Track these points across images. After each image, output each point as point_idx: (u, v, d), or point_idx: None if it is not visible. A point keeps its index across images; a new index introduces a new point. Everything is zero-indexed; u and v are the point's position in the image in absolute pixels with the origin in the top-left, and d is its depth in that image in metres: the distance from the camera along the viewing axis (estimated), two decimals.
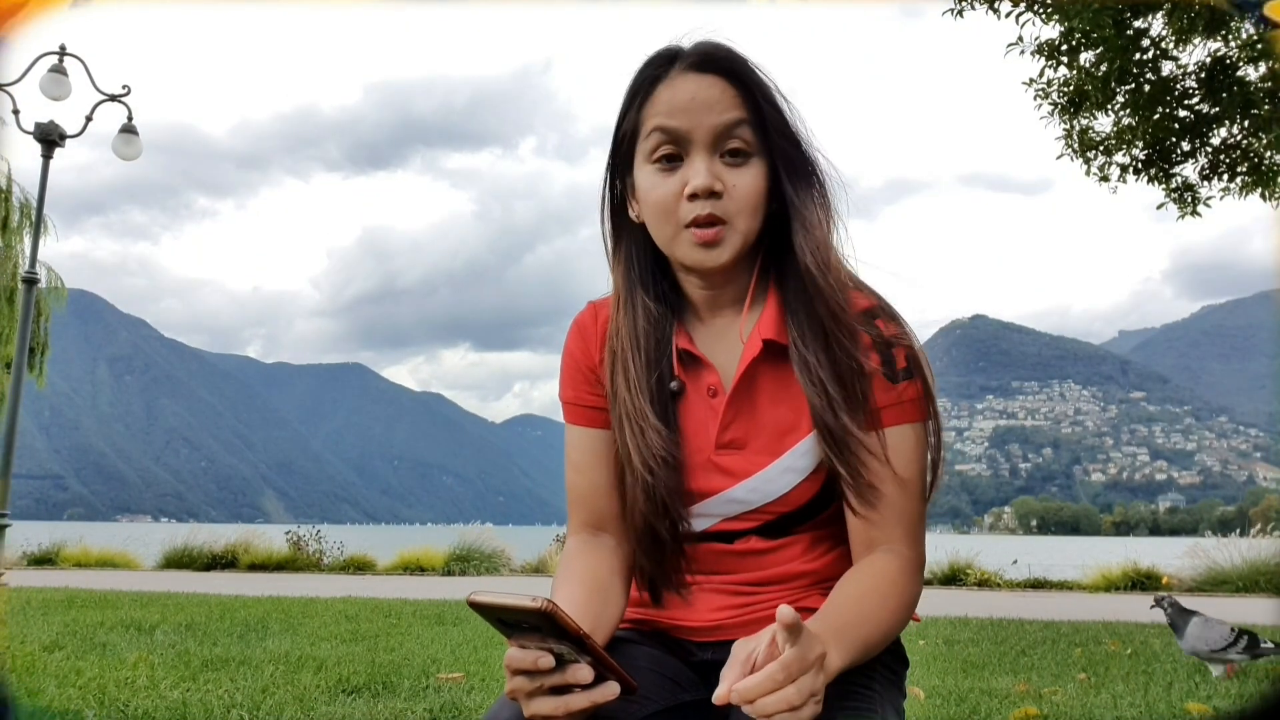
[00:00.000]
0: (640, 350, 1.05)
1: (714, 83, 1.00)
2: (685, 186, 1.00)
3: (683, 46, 1.03)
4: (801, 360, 1.01)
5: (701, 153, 1.00)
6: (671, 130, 1.00)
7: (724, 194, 1.00)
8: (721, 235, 1.00)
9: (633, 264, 1.09)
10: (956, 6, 6.23)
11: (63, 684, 3.28)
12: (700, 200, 0.99)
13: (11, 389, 8.75)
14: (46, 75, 8.70)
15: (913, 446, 1.01)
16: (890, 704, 0.96)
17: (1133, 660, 4.44)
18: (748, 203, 1.00)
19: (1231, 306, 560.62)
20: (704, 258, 1.01)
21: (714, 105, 0.99)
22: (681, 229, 1.01)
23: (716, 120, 0.99)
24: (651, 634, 1.10)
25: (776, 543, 1.06)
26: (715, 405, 1.06)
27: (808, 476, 1.03)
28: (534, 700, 0.83)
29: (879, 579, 0.98)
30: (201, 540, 12.59)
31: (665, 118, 1.00)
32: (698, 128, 0.99)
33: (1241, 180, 6.72)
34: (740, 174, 1.00)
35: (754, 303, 1.07)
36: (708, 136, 1.00)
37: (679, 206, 1.00)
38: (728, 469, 1.05)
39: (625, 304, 1.08)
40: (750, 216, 1.01)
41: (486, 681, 3.54)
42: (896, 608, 0.97)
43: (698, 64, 1.01)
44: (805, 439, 1.03)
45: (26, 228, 14.66)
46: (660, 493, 1.03)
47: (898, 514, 1.00)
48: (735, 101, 1.00)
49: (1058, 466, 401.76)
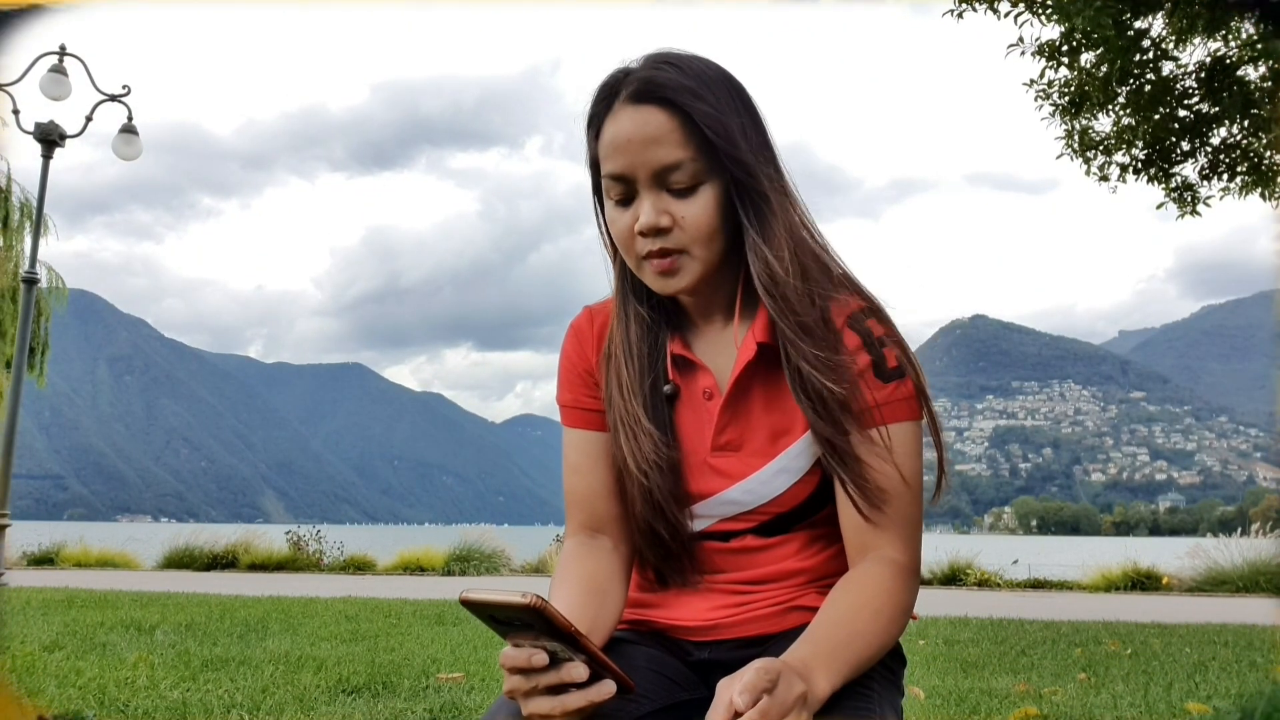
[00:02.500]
0: (634, 356, 1.07)
1: (651, 117, 0.98)
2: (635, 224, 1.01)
3: (631, 69, 1.02)
4: (790, 364, 1.01)
5: (648, 190, 1.00)
6: (617, 175, 1.01)
7: (673, 227, 1.00)
8: (677, 264, 1.01)
9: (626, 272, 1.09)
10: (957, 8, 6.23)
11: (63, 684, 3.28)
12: (649, 238, 1.00)
13: (11, 389, 8.76)
14: (46, 75, 8.70)
15: (906, 445, 1.01)
16: (889, 703, 0.96)
17: (1133, 660, 4.44)
18: (700, 232, 1.00)
19: (1232, 306, 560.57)
20: (664, 286, 1.03)
21: (651, 143, 0.98)
22: (641, 260, 1.02)
23: (655, 161, 0.98)
24: (649, 634, 1.11)
25: (772, 540, 1.07)
26: (710, 408, 1.07)
27: (802, 477, 1.04)
28: (531, 699, 0.83)
29: (872, 592, 0.98)
30: (201, 540, 12.59)
31: (610, 161, 1.01)
32: (640, 168, 0.99)
33: (1241, 180, 6.72)
34: (689, 205, 1.00)
35: (745, 308, 1.07)
36: (648, 175, 0.99)
37: (635, 240, 1.01)
38: (723, 471, 1.06)
39: (621, 311, 1.09)
40: (705, 244, 1.01)
41: (486, 681, 3.54)
42: (889, 621, 0.97)
43: (636, 95, 0.99)
44: (799, 440, 1.04)
45: (27, 227, 14.67)
46: (657, 495, 1.04)
47: (891, 515, 1.00)
48: (674, 136, 0.98)
49: (1058, 466, 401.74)
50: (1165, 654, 4.64)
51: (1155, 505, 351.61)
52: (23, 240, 14.83)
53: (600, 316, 1.14)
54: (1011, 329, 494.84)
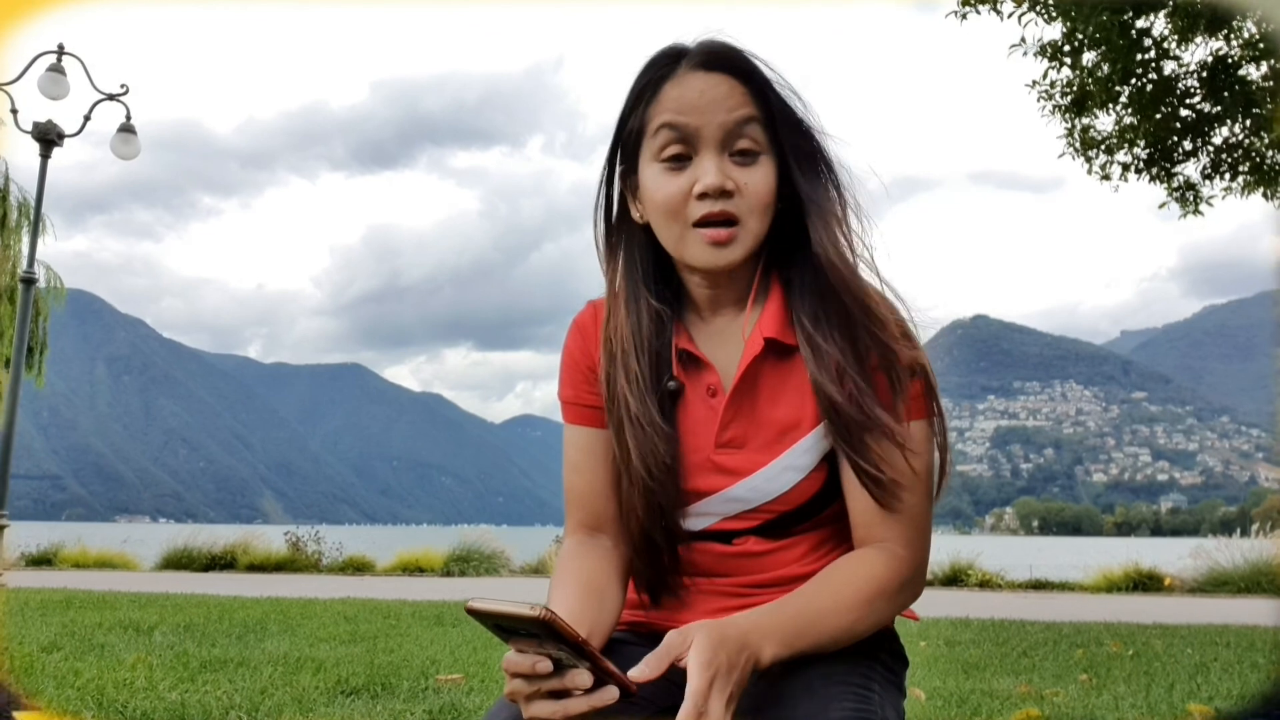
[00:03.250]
0: (644, 351, 1.04)
1: (722, 80, 0.99)
2: (694, 185, 0.98)
3: (688, 46, 1.02)
4: (816, 352, 1.00)
5: (711, 151, 0.99)
6: (681, 127, 0.99)
7: (735, 193, 0.99)
8: (734, 235, 0.99)
9: (635, 264, 1.08)
10: (960, 10, 6.23)
11: (61, 685, 3.27)
12: (711, 199, 0.98)
13: (10, 389, 8.75)
14: (45, 75, 8.70)
15: (920, 441, 1.00)
16: (890, 704, 0.95)
17: (1134, 661, 4.42)
18: (759, 201, 0.99)
19: (1234, 306, 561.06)
20: (714, 258, 1.00)
21: (723, 102, 0.98)
22: (690, 228, 1.00)
23: (726, 117, 0.98)
24: (649, 636, 1.09)
25: (775, 544, 1.05)
26: (714, 405, 1.05)
27: (808, 475, 1.03)
28: (533, 703, 0.83)
29: (862, 577, 0.97)
30: (200, 541, 12.57)
31: (674, 115, 0.99)
32: (707, 125, 0.98)
33: (1243, 179, 6.72)
34: (751, 173, 0.99)
35: (756, 301, 1.06)
36: (718, 134, 0.98)
37: (687, 205, 0.99)
38: (727, 468, 1.04)
39: (628, 304, 1.07)
40: (761, 216, 1.00)
41: (486, 683, 3.53)
42: (868, 606, 0.96)
43: (705, 62, 1.00)
44: (806, 437, 1.02)
45: (25, 227, 14.66)
46: (658, 497, 1.02)
47: (900, 509, 0.99)
48: (744, 99, 0.99)
49: (1059, 467, 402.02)
50: (1167, 655, 4.62)
51: (1157, 506, 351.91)
52: (21, 240, 14.82)
53: (605, 312, 1.11)
54: (1013, 329, 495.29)
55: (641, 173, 1.03)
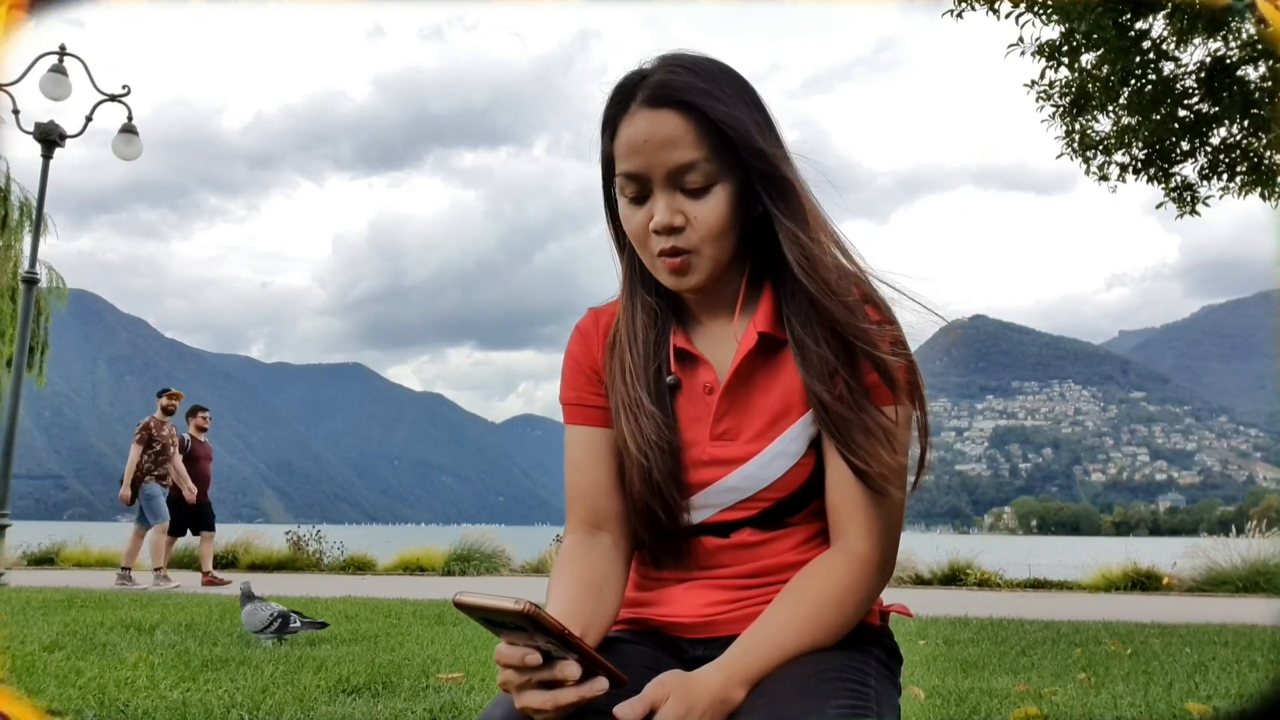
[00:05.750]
0: (639, 343, 1.10)
1: (666, 120, 1.01)
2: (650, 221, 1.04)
3: (645, 72, 1.04)
4: (804, 353, 1.04)
5: (662, 190, 1.03)
6: (631, 174, 1.04)
7: (685, 226, 1.03)
8: (688, 264, 1.04)
9: (634, 266, 1.13)
10: (956, 9, 6.24)
11: (63, 684, 3.28)
12: (662, 235, 1.03)
13: (11, 389, 8.77)
14: (46, 75, 8.71)
15: (903, 437, 1.04)
16: (886, 699, 0.96)
17: (1133, 660, 4.43)
18: (710, 232, 1.03)
19: (1232, 306, 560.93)
20: (676, 284, 1.07)
21: (667, 144, 1.01)
22: (655, 257, 1.06)
23: (670, 162, 1.01)
24: (645, 633, 1.12)
25: (770, 534, 1.09)
26: (710, 401, 1.09)
27: (799, 461, 1.06)
28: (524, 693, 0.85)
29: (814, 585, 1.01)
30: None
31: (625, 161, 1.04)
32: (655, 168, 1.02)
33: (1241, 180, 6.72)
34: (701, 205, 1.03)
35: (746, 303, 1.11)
36: (663, 176, 1.02)
37: (649, 238, 1.05)
38: (722, 458, 1.08)
39: (629, 303, 1.13)
40: (715, 243, 1.04)
41: (486, 681, 3.54)
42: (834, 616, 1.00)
43: (651, 99, 1.02)
44: (795, 424, 1.06)
45: (27, 227, 14.67)
46: (655, 476, 1.06)
47: (878, 503, 1.03)
48: (690, 138, 1.01)
49: (1058, 466, 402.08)
50: (1165, 654, 4.63)
51: (1155, 505, 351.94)
52: (22, 240, 14.83)
53: (605, 317, 1.17)
54: (1012, 329, 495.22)
55: (618, 198, 1.09)
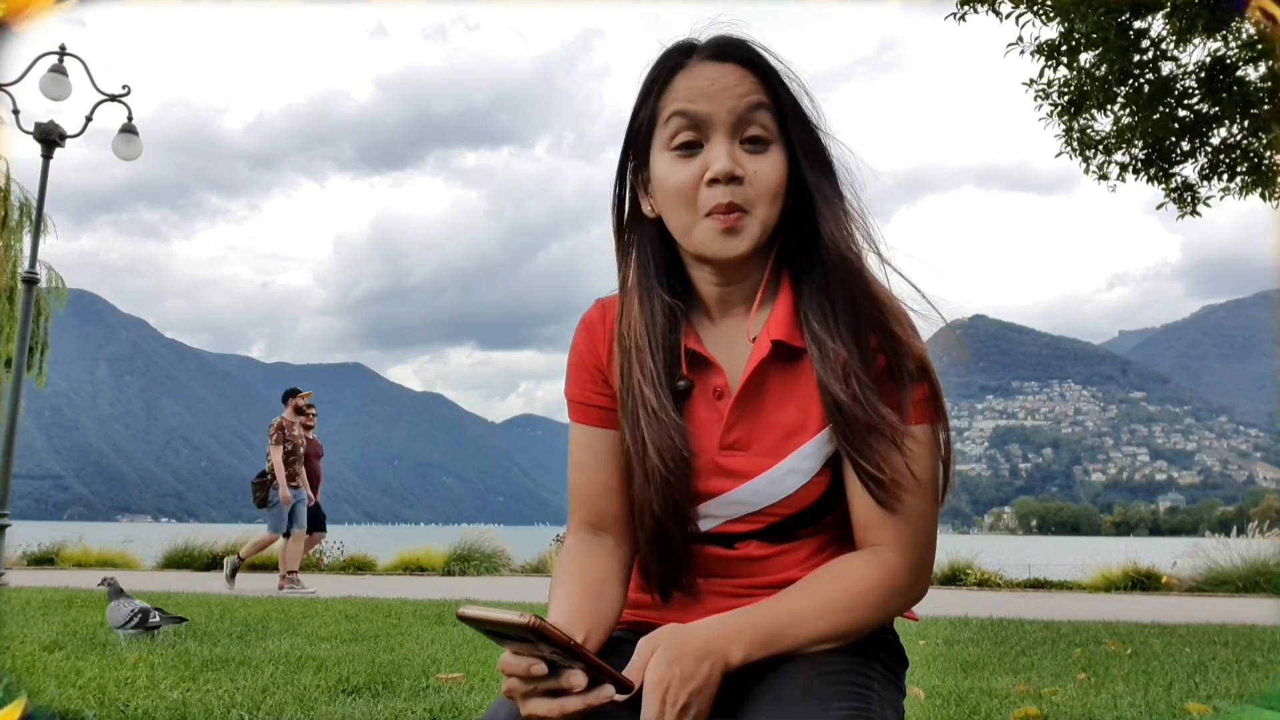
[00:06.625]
0: (658, 346, 1.04)
1: (733, 69, 1.00)
2: (705, 172, 0.99)
3: (699, 41, 1.03)
4: (822, 349, 1.00)
5: (722, 137, 0.99)
6: (691, 114, 0.99)
7: (745, 180, 0.99)
8: (742, 223, 0.99)
9: (648, 261, 1.08)
10: (959, 11, 6.24)
11: (63, 684, 3.28)
12: (721, 186, 0.98)
13: (11, 389, 8.76)
14: (46, 75, 8.70)
15: (924, 446, 0.99)
16: (889, 703, 0.95)
17: (1133, 660, 4.43)
18: (768, 190, 0.99)
19: (1232, 306, 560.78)
20: (723, 246, 1.00)
21: (734, 89, 0.99)
22: (701, 217, 1.00)
23: (737, 103, 0.99)
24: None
25: (778, 548, 1.05)
26: (720, 407, 1.05)
27: (812, 479, 1.02)
28: (530, 700, 0.84)
29: (847, 583, 0.97)
30: (201, 540, 12.57)
31: (685, 102, 1.00)
32: (718, 111, 0.99)
33: (1241, 180, 6.72)
34: (761, 161, 0.99)
35: (764, 301, 1.06)
36: (729, 120, 0.99)
37: (699, 193, 0.99)
38: (731, 470, 1.03)
39: (642, 299, 1.06)
40: (770, 205, 1.00)
41: (486, 681, 3.54)
42: (849, 613, 0.96)
43: (716, 53, 1.01)
44: (811, 441, 1.02)
45: (27, 227, 14.66)
46: (674, 491, 1.01)
47: (901, 513, 0.99)
48: (755, 86, 1.00)
49: (1058, 466, 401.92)
50: (1165, 654, 4.63)
51: (1155, 505, 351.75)
52: (22, 240, 14.82)
53: (613, 310, 1.10)
54: (1011, 329, 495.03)
55: (653, 162, 1.04)
